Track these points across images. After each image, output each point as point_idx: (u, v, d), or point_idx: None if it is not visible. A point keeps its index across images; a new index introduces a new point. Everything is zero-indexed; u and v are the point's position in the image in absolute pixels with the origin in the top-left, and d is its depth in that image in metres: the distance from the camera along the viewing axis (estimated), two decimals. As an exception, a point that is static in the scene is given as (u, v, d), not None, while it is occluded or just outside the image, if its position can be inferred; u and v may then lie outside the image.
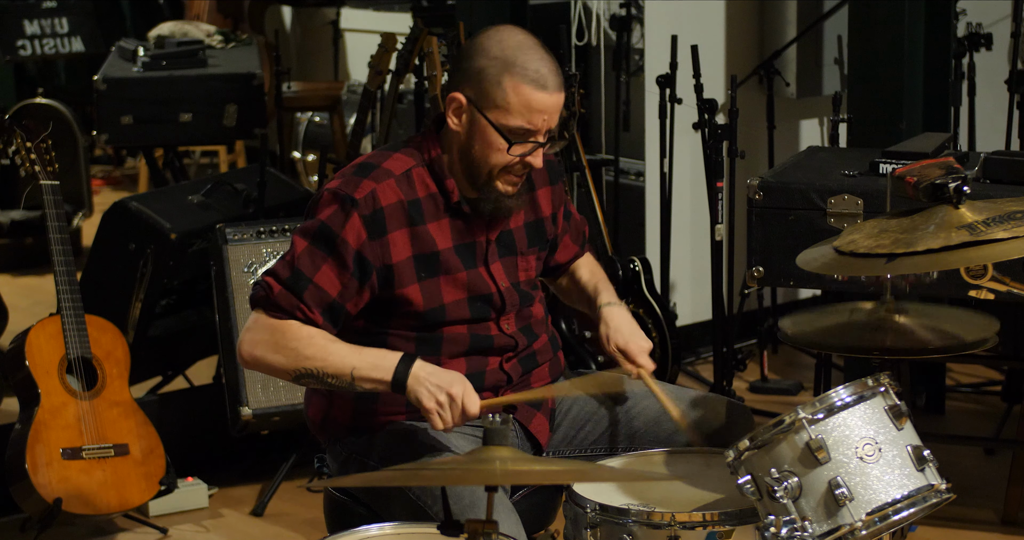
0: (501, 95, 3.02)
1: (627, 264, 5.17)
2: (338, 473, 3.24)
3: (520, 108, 3.02)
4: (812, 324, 3.43)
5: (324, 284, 3.04)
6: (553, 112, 3.06)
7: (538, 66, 3.03)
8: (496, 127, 3.03)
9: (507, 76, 3.02)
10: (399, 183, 3.08)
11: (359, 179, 3.07)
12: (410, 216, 3.08)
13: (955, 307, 3.63)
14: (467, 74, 3.06)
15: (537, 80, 3.02)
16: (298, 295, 3.03)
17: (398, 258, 3.07)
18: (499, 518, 2.86)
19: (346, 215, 3.03)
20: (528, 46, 3.05)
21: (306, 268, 3.04)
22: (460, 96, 3.06)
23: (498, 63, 3.02)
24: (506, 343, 3.18)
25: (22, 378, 4.35)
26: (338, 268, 3.04)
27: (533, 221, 3.26)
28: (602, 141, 6.54)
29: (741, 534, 2.88)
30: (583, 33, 6.50)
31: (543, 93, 3.03)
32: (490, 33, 3.08)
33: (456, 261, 3.12)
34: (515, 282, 3.20)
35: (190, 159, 8.38)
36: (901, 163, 4.10)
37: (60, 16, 8.21)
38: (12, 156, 4.47)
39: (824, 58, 6.00)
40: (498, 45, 3.04)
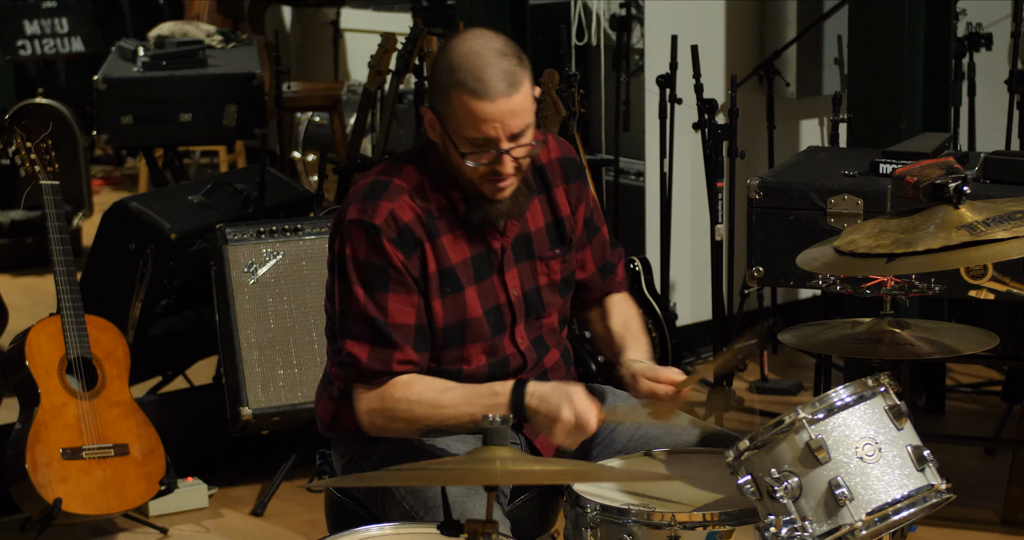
0: (450, 108, 2.95)
1: (627, 264, 5.17)
2: (341, 473, 3.24)
3: (467, 120, 2.94)
4: (812, 338, 3.43)
5: (400, 318, 3.00)
6: (505, 119, 2.94)
7: (481, 74, 2.91)
8: (453, 140, 2.98)
9: (452, 88, 2.93)
10: (412, 197, 3.04)
11: (375, 202, 3.02)
12: (428, 229, 3.04)
13: (954, 323, 3.63)
14: (431, 87, 3.01)
15: (477, 90, 2.90)
16: (386, 345, 3.00)
17: (426, 271, 3.04)
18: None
19: (378, 245, 2.99)
20: (475, 52, 2.93)
21: (377, 313, 3.00)
22: (427, 111, 3.01)
23: (445, 73, 2.94)
24: (518, 364, 3.14)
25: (22, 378, 4.35)
26: (403, 294, 3.01)
27: (553, 221, 3.20)
28: (602, 141, 6.55)
29: (741, 534, 2.88)
30: (583, 33, 6.50)
31: (485, 102, 2.91)
32: (449, 42, 2.99)
33: (470, 274, 3.08)
34: (533, 288, 3.16)
35: (190, 159, 8.38)
36: (901, 163, 4.10)
37: (60, 16, 8.21)
38: (12, 156, 4.47)
39: (824, 58, 6.00)
40: (448, 55, 2.95)
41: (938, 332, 3.38)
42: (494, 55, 2.93)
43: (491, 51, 2.94)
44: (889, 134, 4.70)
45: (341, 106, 7.52)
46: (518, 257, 3.14)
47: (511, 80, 2.93)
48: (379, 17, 8.28)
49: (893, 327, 3.32)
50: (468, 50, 2.94)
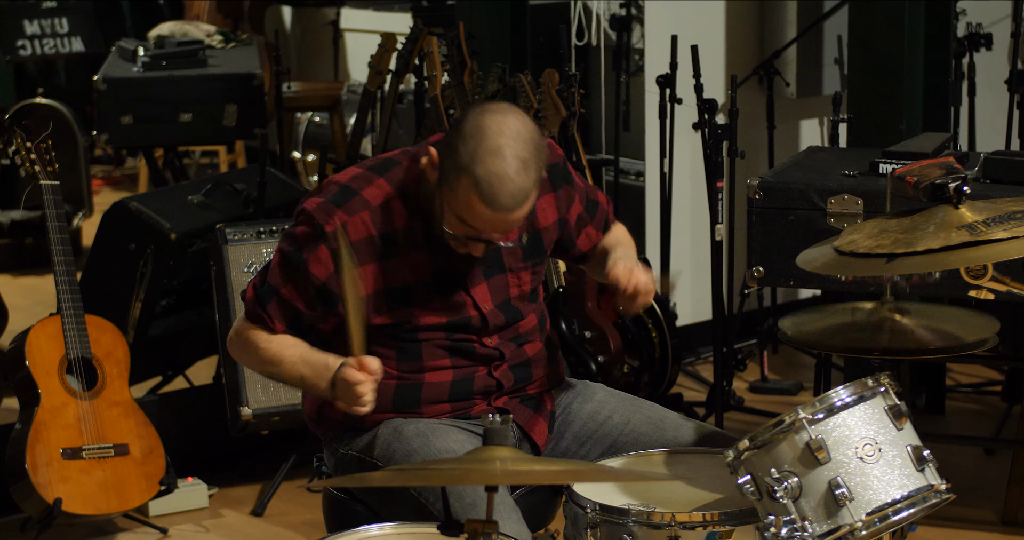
0: (455, 185, 2.93)
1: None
2: (335, 472, 3.25)
3: (464, 207, 2.94)
4: (812, 324, 3.42)
5: (288, 299, 3.09)
6: (496, 226, 2.96)
7: (497, 183, 2.88)
8: (442, 206, 2.98)
9: (465, 176, 2.90)
10: (373, 215, 3.06)
11: (334, 208, 3.05)
12: (380, 250, 3.06)
13: (955, 307, 3.63)
14: (448, 142, 2.96)
15: (487, 195, 2.89)
16: (263, 305, 3.10)
17: (365, 291, 3.06)
18: (502, 518, 2.86)
19: (315, 244, 3.04)
20: (503, 155, 2.89)
21: (275, 280, 3.09)
22: (435, 156, 2.99)
23: (466, 156, 2.90)
24: (488, 354, 3.17)
25: (22, 378, 4.35)
26: (302, 291, 3.07)
27: (533, 232, 3.21)
28: (602, 141, 6.55)
29: (741, 534, 2.88)
30: (583, 33, 6.50)
31: (487, 209, 2.91)
32: (487, 118, 2.93)
33: (432, 290, 3.10)
34: (504, 300, 3.17)
35: (190, 159, 8.38)
36: (901, 163, 4.10)
37: (60, 16, 8.21)
38: (12, 156, 4.47)
39: (824, 58, 6.00)
40: (480, 137, 2.90)
41: (939, 318, 3.37)
42: (517, 166, 2.90)
43: (517, 160, 2.90)
44: (889, 134, 4.70)
45: (341, 106, 7.52)
46: (488, 272, 3.16)
47: (521, 199, 2.93)
48: (379, 17, 8.28)
49: (894, 313, 3.31)
50: (497, 148, 2.90)
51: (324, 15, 8.71)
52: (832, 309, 3.49)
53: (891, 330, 3.28)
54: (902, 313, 3.32)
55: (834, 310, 3.47)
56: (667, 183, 5.53)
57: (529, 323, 3.23)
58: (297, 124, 7.77)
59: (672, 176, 5.55)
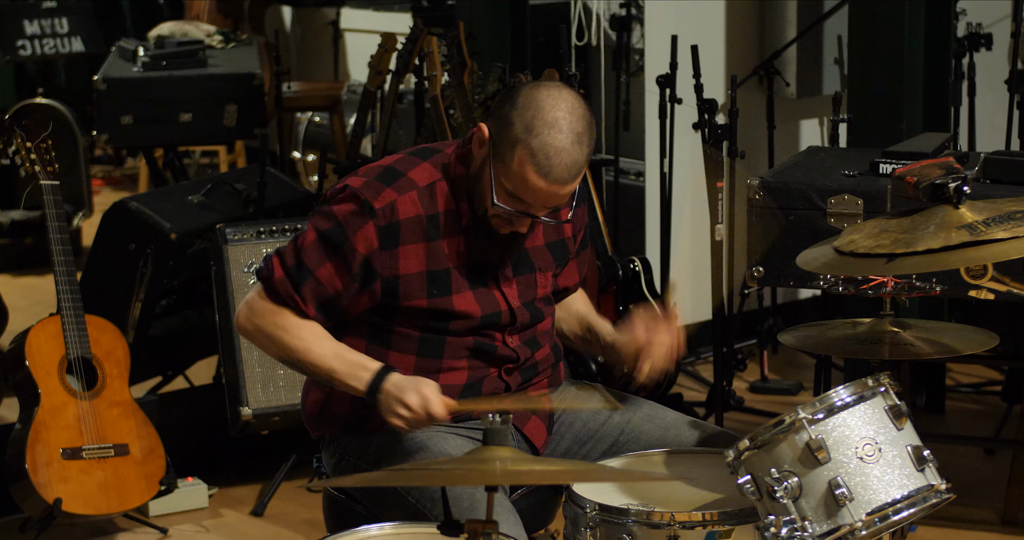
0: (509, 157, 2.96)
1: (627, 264, 5.17)
2: (333, 474, 3.25)
3: (516, 180, 2.96)
4: (813, 339, 3.43)
5: (324, 280, 3.05)
6: (548, 198, 2.98)
7: (553, 153, 2.92)
8: (492, 178, 2.99)
9: (521, 145, 2.93)
10: (421, 196, 3.06)
11: (382, 186, 3.05)
12: (427, 231, 3.06)
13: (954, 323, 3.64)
14: (500, 116, 2.99)
15: (543, 166, 2.92)
16: (296, 286, 3.06)
17: (407, 270, 3.06)
18: (499, 519, 2.86)
19: (362, 221, 3.02)
20: (561, 128, 2.93)
21: (311, 261, 3.05)
22: (485, 131, 3.01)
23: (523, 127, 2.93)
24: (507, 355, 3.17)
25: (22, 378, 4.35)
26: (342, 269, 3.04)
27: (556, 241, 3.22)
28: (602, 141, 6.54)
29: (741, 534, 2.89)
30: (583, 33, 6.50)
31: (542, 180, 2.94)
32: (541, 92, 2.96)
33: (468, 279, 3.10)
34: (530, 300, 3.18)
35: (190, 159, 8.38)
36: (901, 163, 4.10)
37: (60, 16, 8.21)
38: (12, 156, 4.47)
39: (824, 58, 6.00)
40: (536, 109, 2.94)
41: (938, 332, 3.38)
42: (573, 139, 2.94)
43: (573, 133, 2.94)
44: (889, 134, 4.70)
45: (341, 106, 7.52)
46: (518, 270, 3.17)
47: (574, 171, 2.96)
48: (379, 17, 8.28)
49: (893, 327, 3.33)
50: (554, 120, 2.93)
51: (324, 15, 8.71)
52: (832, 323, 3.49)
53: (891, 343, 3.29)
54: (902, 327, 3.32)
55: (834, 324, 3.48)
56: (667, 183, 5.53)
57: (545, 326, 3.24)
58: (297, 124, 7.77)
59: (672, 176, 5.55)
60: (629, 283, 5.16)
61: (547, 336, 3.25)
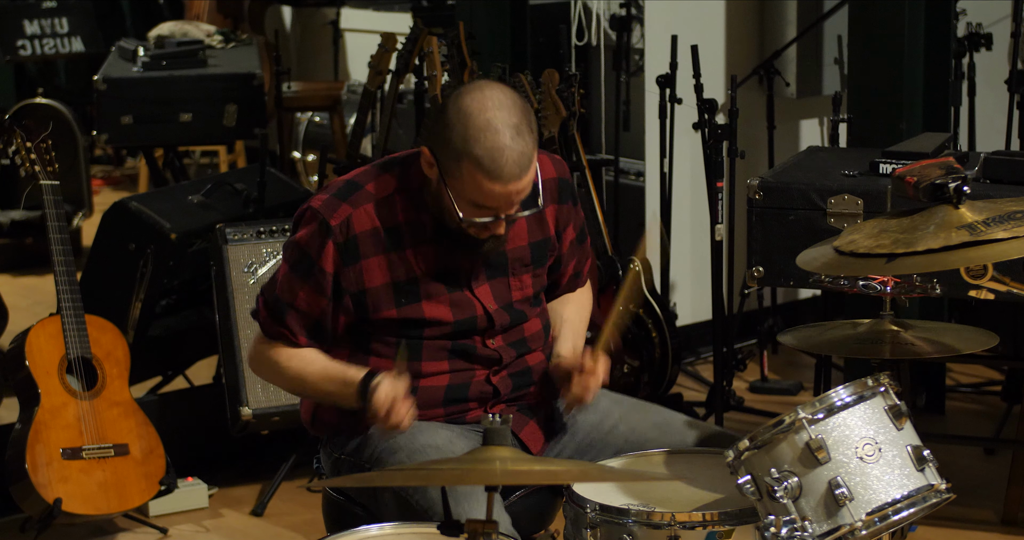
0: (458, 173, 2.94)
1: (627, 264, 5.17)
2: (330, 475, 3.25)
3: (473, 190, 2.95)
4: (813, 339, 3.43)
5: (304, 308, 3.09)
6: (511, 197, 2.96)
7: (498, 156, 2.90)
8: (452, 198, 2.98)
9: (465, 159, 2.92)
10: (378, 208, 3.06)
11: (339, 202, 3.06)
12: (386, 242, 3.07)
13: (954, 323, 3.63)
14: (436, 135, 2.98)
15: (492, 171, 2.91)
16: (280, 321, 3.11)
17: (372, 284, 3.07)
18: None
19: (323, 241, 3.05)
20: (495, 128, 2.91)
21: (285, 294, 3.10)
22: (428, 154, 3.00)
23: (460, 140, 2.92)
24: (489, 355, 3.16)
25: (22, 378, 4.35)
26: (315, 293, 3.08)
27: (540, 240, 3.21)
28: (602, 141, 6.54)
29: (741, 534, 2.89)
30: (583, 33, 6.50)
31: (496, 184, 2.92)
32: (465, 100, 2.94)
33: (438, 286, 3.10)
34: (507, 303, 3.17)
35: (190, 159, 8.38)
36: (901, 163, 4.10)
37: (60, 16, 8.20)
38: (12, 156, 4.47)
39: (824, 58, 5.99)
40: (465, 120, 2.92)
41: (938, 332, 3.38)
42: (511, 134, 2.92)
43: (509, 128, 2.92)
44: (889, 134, 4.70)
45: (341, 106, 7.52)
46: (490, 273, 3.16)
47: (524, 163, 2.94)
48: (379, 17, 8.28)
49: (893, 327, 3.32)
50: (486, 124, 2.91)
51: (324, 15, 8.71)
52: (832, 323, 3.49)
53: (891, 343, 3.28)
54: (902, 327, 3.32)
55: (834, 324, 3.47)
56: (667, 183, 5.53)
57: (532, 327, 3.22)
58: (297, 124, 7.77)
59: (672, 176, 5.55)
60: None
61: (538, 339, 3.23)
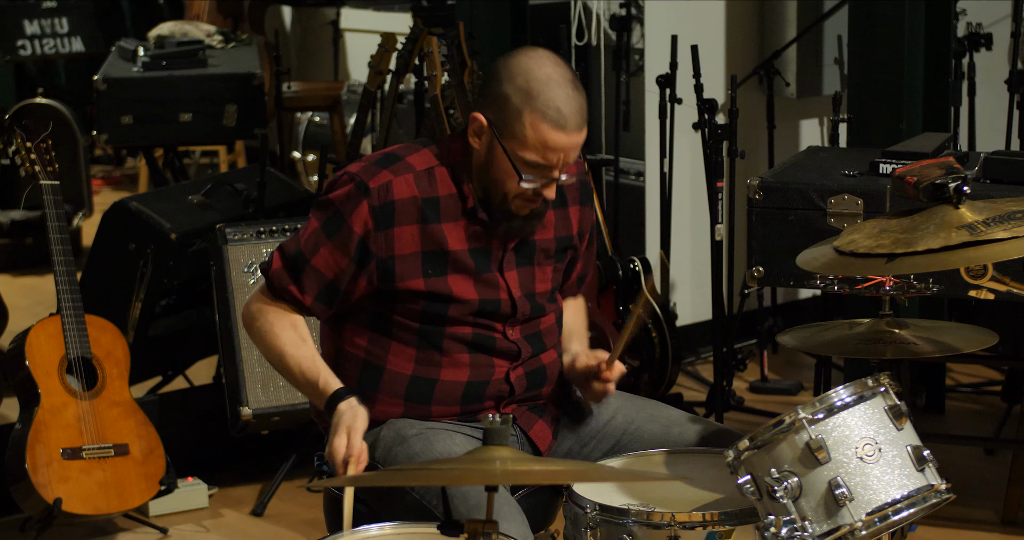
0: (520, 128, 2.98)
1: (627, 264, 5.17)
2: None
3: (536, 144, 2.99)
4: (812, 339, 3.43)
5: (322, 265, 3.08)
6: (571, 150, 3.02)
7: (561, 104, 2.97)
8: (511, 157, 3.01)
9: (528, 110, 2.97)
10: (418, 179, 3.09)
11: (378, 169, 3.08)
12: (423, 213, 3.08)
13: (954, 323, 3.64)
14: (491, 97, 3.02)
15: (557, 120, 2.97)
16: (295, 275, 3.10)
17: (402, 251, 3.07)
18: (505, 518, 2.86)
19: (357, 201, 3.05)
20: (556, 81, 2.98)
21: (308, 248, 3.09)
22: (482, 118, 3.03)
23: (521, 94, 2.97)
24: (508, 348, 3.16)
25: (22, 378, 4.35)
26: (338, 251, 3.07)
27: (564, 236, 3.23)
28: (602, 141, 6.54)
29: (741, 534, 2.89)
30: (583, 33, 6.50)
31: (561, 133, 2.98)
32: (520, 58, 3.01)
33: (468, 262, 3.11)
34: (530, 292, 3.18)
35: (190, 159, 8.38)
36: (901, 163, 4.10)
37: (60, 16, 8.20)
38: (12, 156, 4.47)
39: (824, 58, 6.00)
40: (525, 75, 2.98)
41: (938, 332, 3.38)
42: (572, 87, 3.00)
43: (568, 82, 3.00)
44: (889, 134, 4.70)
45: (341, 106, 7.52)
46: (519, 261, 3.18)
47: (584, 115, 3.02)
48: (379, 17, 8.28)
49: (892, 327, 3.32)
50: (548, 77, 2.98)
51: (324, 15, 8.71)
52: (832, 324, 3.49)
53: (891, 343, 3.29)
54: (901, 327, 3.32)
55: (834, 324, 3.47)
56: (667, 183, 5.53)
57: (548, 321, 3.24)
58: (297, 124, 7.77)
59: (672, 176, 5.55)
60: (629, 283, 5.16)
61: (552, 335, 3.25)
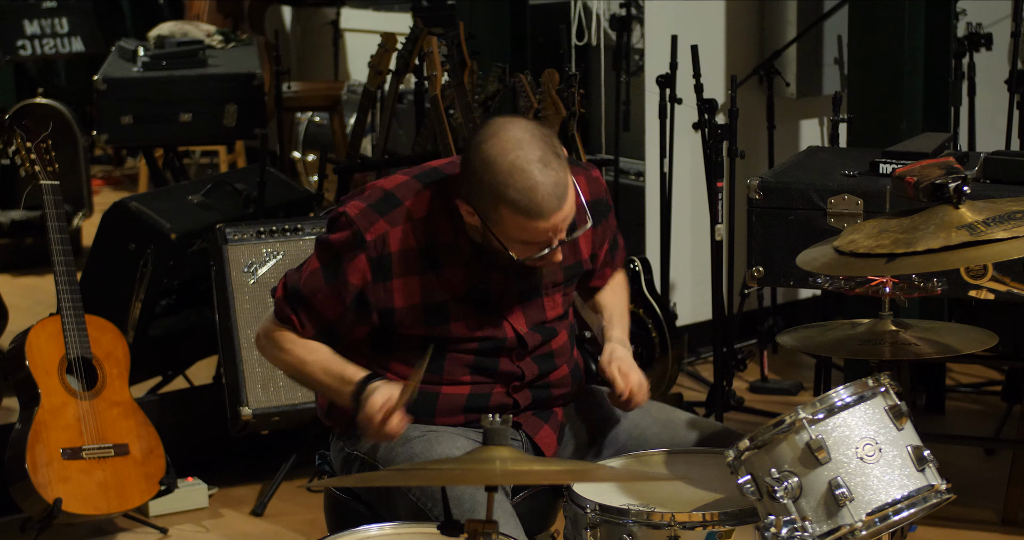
0: (498, 217, 2.91)
1: (627, 264, 5.17)
2: (339, 470, 3.25)
3: (519, 232, 2.92)
4: (812, 340, 3.43)
5: (319, 308, 3.08)
6: (557, 227, 2.93)
7: (533, 195, 2.86)
8: (500, 241, 2.96)
9: (501, 205, 2.88)
10: (415, 228, 3.03)
11: (376, 216, 3.02)
12: (421, 264, 3.04)
13: (954, 323, 3.63)
14: (470, 185, 2.93)
15: (530, 210, 2.87)
16: (294, 310, 3.10)
17: (401, 303, 3.05)
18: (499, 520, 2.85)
19: (355, 253, 3.02)
20: (521, 169, 2.86)
21: (307, 288, 3.08)
22: (465, 206, 2.96)
23: (489, 191, 2.88)
24: (511, 372, 3.14)
25: (22, 378, 4.35)
26: (336, 300, 3.06)
27: (572, 264, 3.19)
28: (602, 141, 6.55)
29: (741, 534, 2.89)
30: (583, 33, 6.50)
31: (539, 221, 2.89)
32: (484, 147, 2.90)
33: (468, 309, 3.07)
34: (539, 323, 3.15)
35: (190, 159, 8.38)
36: (901, 163, 4.10)
37: (60, 16, 8.21)
38: (12, 156, 4.47)
39: (824, 58, 6.00)
40: (491, 167, 2.87)
41: (938, 332, 3.38)
42: (539, 168, 2.87)
43: (535, 163, 2.87)
44: (889, 134, 4.70)
45: (341, 106, 7.52)
46: (524, 295, 3.13)
47: (560, 193, 2.89)
48: (379, 17, 8.28)
49: (893, 327, 3.32)
50: (512, 166, 2.86)
51: (324, 15, 8.71)
52: (832, 324, 3.49)
53: (891, 343, 3.28)
54: (901, 327, 3.32)
55: (834, 325, 3.47)
56: (667, 183, 5.53)
57: (560, 340, 3.21)
58: (297, 124, 7.77)
59: (672, 176, 5.55)
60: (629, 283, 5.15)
61: (565, 353, 3.22)
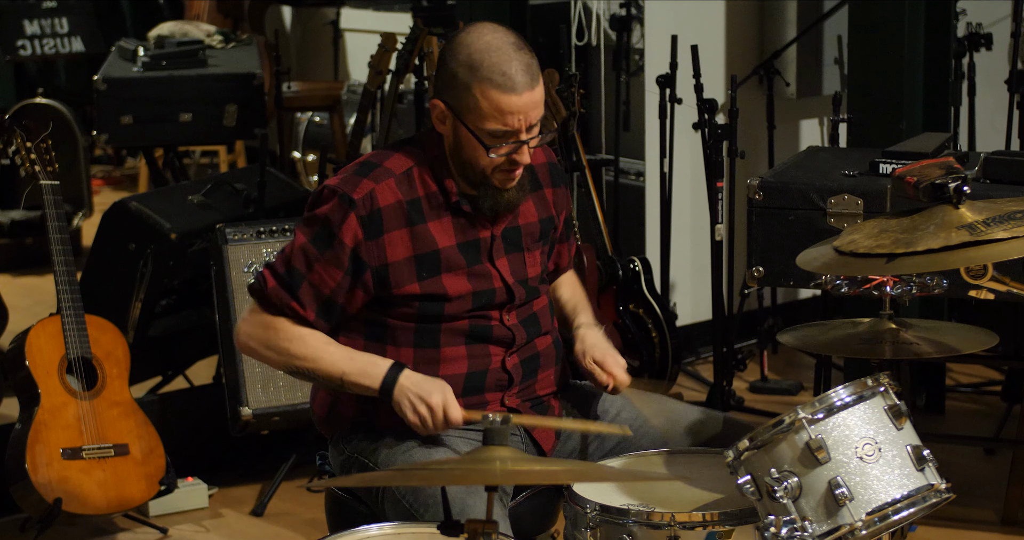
0: (473, 101, 3.02)
1: (627, 264, 5.17)
2: (339, 473, 3.25)
3: (492, 112, 3.02)
4: (813, 339, 3.43)
5: (317, 280, 3.08)
6: (528, 110, 3.04)
7: (505, 68, 3.00)
8: (474, 132, 3.05)
9: (475, 82, 3.01)
10: (399, 183, 3.10)
11: (359, 178, 3.10)
12: (409, 216, 3.10)
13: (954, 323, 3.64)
14: (443, 80, 3.07)
15: (503, 84, 2.99)
16: (292, 292, 3.09)
17: (395, 258, 3.08)
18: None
19: (344, 214, 3.06)
20: (496, 47, 3.01)
21: (301, 264, 3.09)
22: (440, 103, 3.08)
23: (465, 69, 3.01)
24: (504, 334, 3.18)
25: (22, 378, 4.35)
26: (333, 266, 3.07)
27: (546, 217, 3.27)
28: (602, 141, 6.55)
29: (741, 534, 2.89)
30: (583, 33, 6.50)
31: (512, 96, 3.01)
32: (460, 36, 3.07)
33: (459, 258, 3.13)
34: (523, 278, 3.21)
35: (190, 159, 8.38)
36: (901, 163, 4.10)
37: (60, 16, 8.21)
38: (12, 156, 4.47)
39: (824, 58, 6.00)
40: (466, 49, 3.03)
41: (938, 332, 3.38)
42: (513, 49, 3.02)
43: (509, 45, 3.02)
44: (889, 134, 4.70)
45: (341, 106, 7.52)
46: (507, 248, 3.20)
47: (532, 73, 3.03)
48: (379, 17, 8.29)
49: (893, 327, 3.32)
50: (487, 45, 3.02)
51: (324, 15, 8.71)
52: (832, 323, 3.49)
53: (891, 343, 3.29)
54: (901, 327, 3.32)
55: (834, 324, 3.47)
56: (667, 183, 5.53)
57: (541, 302, 3.26)
58: (297, 124, 7.78)
59: (672, 176, 5.56)
60: (629, 283, 5.16)
61: (547, 318, 3.27)
